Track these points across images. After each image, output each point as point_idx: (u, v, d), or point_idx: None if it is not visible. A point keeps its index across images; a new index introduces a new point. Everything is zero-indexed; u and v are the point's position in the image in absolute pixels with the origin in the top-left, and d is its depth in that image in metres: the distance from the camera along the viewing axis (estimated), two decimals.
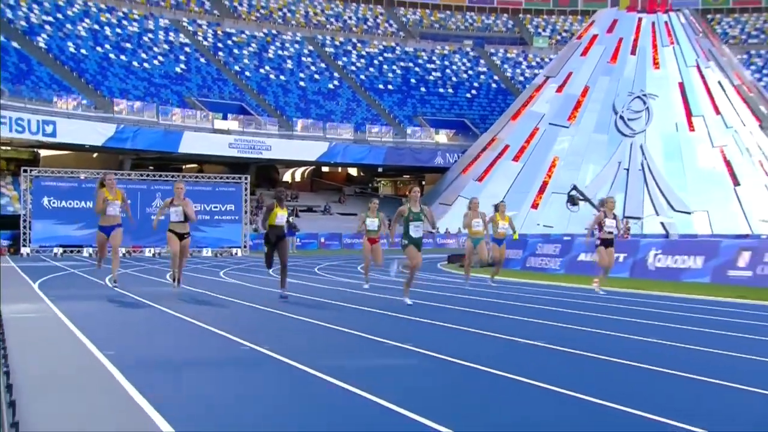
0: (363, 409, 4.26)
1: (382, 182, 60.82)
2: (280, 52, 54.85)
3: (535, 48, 62.83)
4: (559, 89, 48.95)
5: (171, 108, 43.19)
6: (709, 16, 65.01)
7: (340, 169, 56.45)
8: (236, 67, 51.33)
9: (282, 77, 52.62)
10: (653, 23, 48.64)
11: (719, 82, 47.60)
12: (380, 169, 51.65)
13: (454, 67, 59.82)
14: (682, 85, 47.33)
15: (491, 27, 65.21)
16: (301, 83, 52.74)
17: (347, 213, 48.05)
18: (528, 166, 47.84)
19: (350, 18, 61.75)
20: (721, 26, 64.14)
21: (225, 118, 44.75)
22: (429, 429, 3.84)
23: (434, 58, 60.26)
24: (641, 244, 18.25)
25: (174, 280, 12.17)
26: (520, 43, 63.96)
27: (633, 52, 48.32)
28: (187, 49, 50.43)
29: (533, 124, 48.61)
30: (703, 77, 47.48)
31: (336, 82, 54.23)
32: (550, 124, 48.30)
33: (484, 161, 48.85)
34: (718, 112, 46.85)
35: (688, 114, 46.94)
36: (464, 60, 60.88)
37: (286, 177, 55.45)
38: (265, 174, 51.82)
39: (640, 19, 48.98)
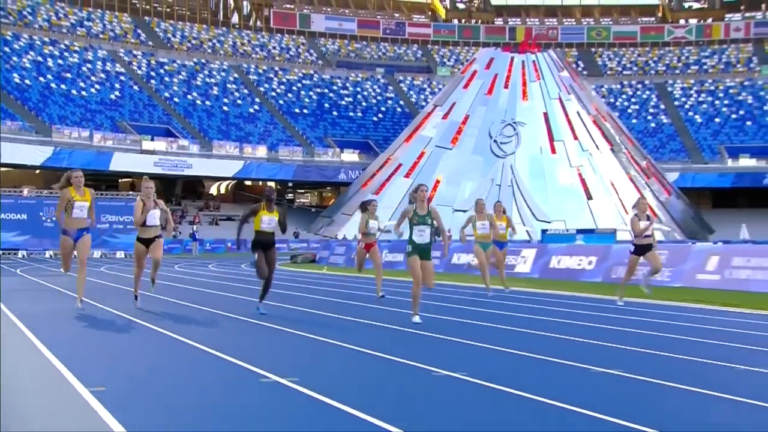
0: None
1: (307, 193, 68.69)
2: (207, 79, 62.11)
3: (438, 76, 70.93)
4: (445, 116, 56.89)
5: (103, 132, 50.26)
6: (593, 50, 73.97)
7: (261, 183, 63.81)
8: (166, 94, 58.47)
9: (207, 102, 59.88)
10: (523, 62, 56.85)
11: (578, 112, 55.96)
12: (290, 184, 59.21)
13: (365, 93, 67.65)
14: (546, 115, 55.54)
15: (402, 56, 73.27)
16: (224, 108, 60.07)
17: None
18: (417, 182, 55.64)
19: (274, 48, 69.29)
20: (602, 59, 73.02)
21: (152, 139, 51.94)
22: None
23: (348, 84, 68.03)
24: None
25: (136, 299, 10.55)
26: (426, 71, 72.09)
27: (506, 86, 56.50)
28: (122, 77, 57.45)
29: (422, 146, 56.46)
30: (564, 108, 55.77)
31: (256, 107, 61.65)
32: (436, 146, 56.17)
33: (380, 177, 56.58)
34: (576, 137, 55.15)
35: (551, 139, 55.14)
36: (375, 86, 68.76)
37: (212, 190, 62.73)
38: (191, 187, 59.20)
39: (512, 58, 57.19)
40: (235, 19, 71.50)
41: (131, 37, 62.22)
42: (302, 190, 69.83)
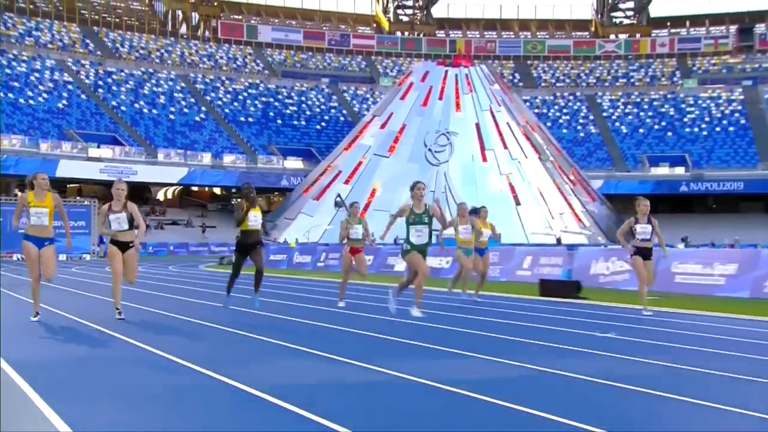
0: None
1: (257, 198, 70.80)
2: (154, 88, 64.09)
3: (381, 86, 73.79)
4: (383, 126, 59.72)
5: (51, 140, 52.06)
6: (529, 62, 77.58)
7: (206, 188, 66.01)
8: (113, 102, 60.36)
9: (154, 111, 61.89)
10: (456, 75, 59.98)
11: (507, 123, 59.26)
12: (233, 190, 61.53)
13: (310, 102, 70.24)
14: (478, 125, 58.71)
15: (346, 67, 76.02)
16: (171, 116, 62.12)
17: (209, 225, 57.93)
18: (356, 189, 58.30)
19: (221, 58, 71.51)
20: (537, 71, 76.67)
21: (99, 147, 53.84)
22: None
23: (293, 94, 70.54)
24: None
25: (117, 309, 9.31)
26: (369, 81, 74.93)
27: (440, 98, 59.55)
28: (69, 86, 59.19)
29: (361, 154, 59.18)
30: (494, 119, 59.03)
31: (202, 115, 63.81)
32: (374, 154, 58.92)
33: (321, 183, 59.12)
34: (505, 147, 58.41)
35: (482, 148, 58.30)
36: (319, 96, 71.39)
37: (159, 195, 64.67)
38: (138, 193, 61.02)
39: (446, 72, 60.29)
40: (183, 29, 73.55)
41: (79, 46, 63.95)
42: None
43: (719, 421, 4.35)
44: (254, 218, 9.58)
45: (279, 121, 66.87)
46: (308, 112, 69.00)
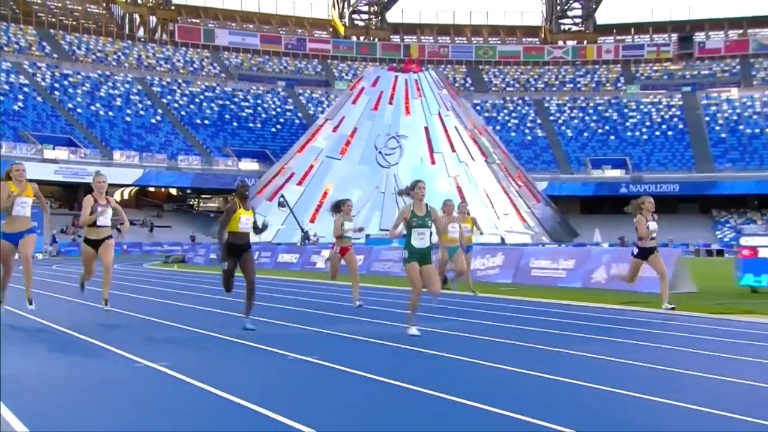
0: None
1: (215, 198, 72.18)
2: (111, 91, 65.10)
3: (336, 89, 75.53)
4: (335, 129, 61.48)
5: (6, 141, 52.97)
6: (480, 67, 79.92)
7: (162, 189, 67.17)
8: (69, 105, 61.29)
9: (110, 113, 62.92)
10: (406, 80, 61.97)
11: (455, 127, 61.42)
12: (188, 190, 62.89)
13: (265, 105, 71.73)
14: (427, 129, 60.75)
15: (302, 70, 77.66)
16: (127, 118, 63.22)
17: (164, 225, 59.33)
18: (308, 190, 60.04)
19: (178, 61, 72.69)
20: (488, 76, 79.05)
21: (54, 149, 54.85)
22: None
23: (249, 96, 71.99)
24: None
25: (105, 300, 9.21)
26: (325, 85, 76.65)
27: (390, 102, 61.50)
28: (26, 89, 60.03)
29: (314, 156, 60.87)
30: (443, 123, 61.13)
31: (158, 117, 64.98)
32: (326, 156, 60.65)
33: (275, 185, 60.70)
34: (453, 150, 60.55)
35: (431, 151, 60.37)
36: (275, 99, 72.92)
37: (116, 196, 65.65)
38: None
39: (396, 77, 62.27)
40: (141, 33, 74.57)
41: (36, 49, 64.75)
42: (208, 195, 73.18)
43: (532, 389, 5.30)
44: (245, 221, 8.62)
45: (235, 124, 68.29)
46: (264, 115, 70.50)
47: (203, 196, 71.73)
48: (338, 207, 11.70)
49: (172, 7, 76.69)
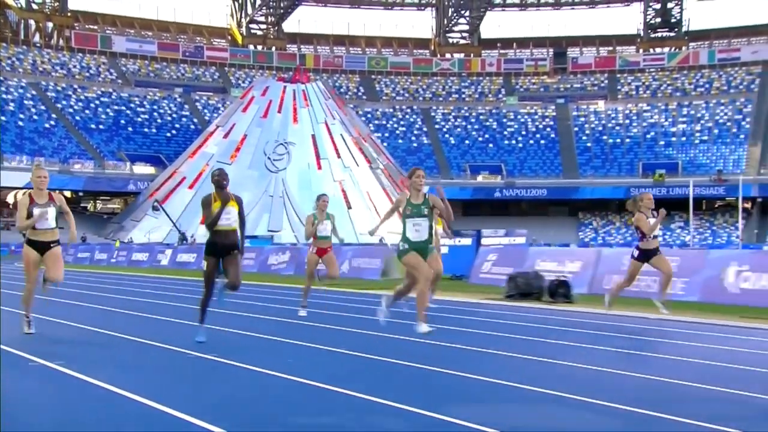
0: None
1: (114, 200, 73.86)
2: (4, 95, 66.08)
3: (233, 96, 78.16)
4: (225, 135, 64.31)
5: None
6: (372, 77, 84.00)
7: (57, 192, 68.40)
8: None
9: (3, 118, 64.01)
10: (294, 90, 65.41)
11: (341, 135, 65.16)
12: (81, 193, 64.74)
13: (161, 111, 73.86)
14: (314, 137, 64.26)
15: (200, 77, 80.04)
16: (20, 123, 64.44)
17: (59, 227, 60.81)
18: (200, 194, 62.54)
19: (74, 66, 74.02)
20: (380, 85, 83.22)
21: None
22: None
23: (145, 102, 73.96)
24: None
25: (27, 324, 8.20)
26: (222, 91, 79.25)
27: (279, 111, 64.80)
28: None
29: (205, 161, 63.42)
30: (329, 130, 64.79)
31: (52, 122, 66.37)
32: (217, 161, 63.22)
33: (167, 188, 63.07)
34: (339, 156, 64.25)
35: (318, 157, 63.89)
36: (171, 105, 75.11)
37: (9, 198, 66.67)
38: None
39: (285, 87, 65.63)
40: (37, 38, 75.50)
41: None
42: (107, 198, 74.67)
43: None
44: (226, 215, 7.50)
45: (130, 129, 70.22)
46: (159, 120, 72.65)
47: (102, 198, 73.26)
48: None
49: (69, 14, 77.87)
